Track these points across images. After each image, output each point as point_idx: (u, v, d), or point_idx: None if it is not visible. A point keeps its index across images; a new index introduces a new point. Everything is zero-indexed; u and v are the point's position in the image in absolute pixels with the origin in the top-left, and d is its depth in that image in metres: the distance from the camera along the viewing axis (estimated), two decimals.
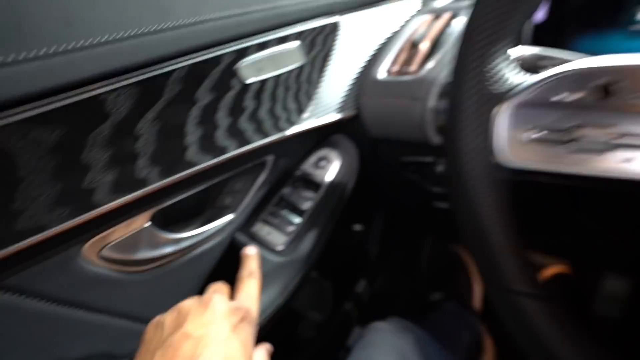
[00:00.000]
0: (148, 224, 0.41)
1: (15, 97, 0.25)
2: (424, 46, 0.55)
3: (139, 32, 0.31)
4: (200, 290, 0.50)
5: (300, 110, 0.50)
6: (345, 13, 0.51)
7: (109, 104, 0.31)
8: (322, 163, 0.56)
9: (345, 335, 0.80)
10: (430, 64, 0.53)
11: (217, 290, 0.35)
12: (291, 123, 0.49)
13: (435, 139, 0.53)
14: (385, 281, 0.93)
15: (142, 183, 0.35)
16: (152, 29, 0.32)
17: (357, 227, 0.81)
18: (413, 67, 0.54)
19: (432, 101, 0.51)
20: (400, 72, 0.55)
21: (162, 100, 0.34)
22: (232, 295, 0.37)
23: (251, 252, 0.43)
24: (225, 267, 0.52)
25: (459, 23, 0.56)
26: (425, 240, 1.02)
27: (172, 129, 0.36)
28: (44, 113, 0.27)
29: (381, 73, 0.56)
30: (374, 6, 0.56)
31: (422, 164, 0.60)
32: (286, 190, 0.55)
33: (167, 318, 0.29)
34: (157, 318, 0.29)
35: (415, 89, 0.52)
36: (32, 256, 0.32)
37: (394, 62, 0.57)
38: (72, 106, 0.28)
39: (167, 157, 0.37)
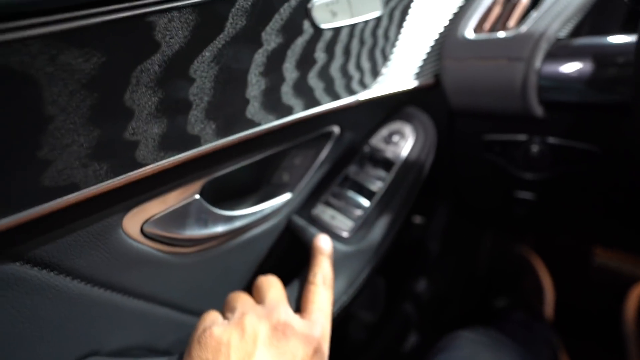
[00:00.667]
0: (197, 196, 0.34)
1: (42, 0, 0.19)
2: None
3: None
4: (251, 280, 0.44)
5: (375, 71, 0.42)
6: None
7: (160, 30, 0.24)
8: (395, 138, 0.47)
9: (401, 340, 0.71)
10: (534, 15, 0.43)
11: (276, 299, 0.29)
12: (364, 86, 0.41)
13: (538, 109, 0.43)
14: (441, 282, 0.83)
15: (195, 141, 0.29)
16: None
17: (418, 219, 0.72)
18: (512, 21, 0.45)
19: (538, 62, 0.41)
20: (494, 29, 0.46)
21: (222, 35, 0.27)
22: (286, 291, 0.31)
23: (325, 245, 0.35)
24: (279, 254, 0.44)
25: None
26: (484, 238, 0.91)
27: (233, 75, 0.29)
28: (80, 29, 0.20)
29: (469, 31, 0.47)
30: None
31: (512, 143, 0.50)
32: (352, 169, 0.46)
33: (233, 337, 0.24)
34: (219, 332, 0.25)
35: (516, 47, 0.42)
36: (64, 224, 0.26)
37: (485, 18, 0.47)
38: (114, 25, 0.21)
39: (225, 111, 0.30)
